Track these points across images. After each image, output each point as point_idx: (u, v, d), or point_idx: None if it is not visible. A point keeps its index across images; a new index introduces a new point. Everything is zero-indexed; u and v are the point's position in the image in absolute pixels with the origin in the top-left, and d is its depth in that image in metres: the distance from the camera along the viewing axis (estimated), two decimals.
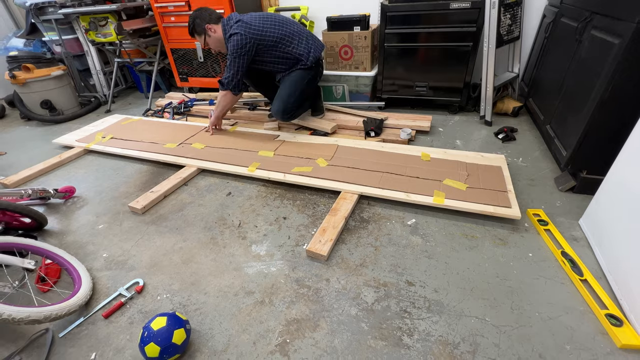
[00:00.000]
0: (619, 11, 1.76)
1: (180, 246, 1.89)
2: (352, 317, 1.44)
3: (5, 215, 1.95)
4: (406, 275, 1.61)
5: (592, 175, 1.96)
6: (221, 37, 2.61)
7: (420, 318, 1.42)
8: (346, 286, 1.59)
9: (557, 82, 2.40)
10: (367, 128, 2.80)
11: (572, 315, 1.38)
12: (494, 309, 1.43)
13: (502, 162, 2.25)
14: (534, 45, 3.16)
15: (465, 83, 3.03)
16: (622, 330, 1.29)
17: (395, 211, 2.02)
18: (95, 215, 2.20)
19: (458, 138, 2.81)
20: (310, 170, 2.30)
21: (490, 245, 1.74)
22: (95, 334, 1.46)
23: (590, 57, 2.00)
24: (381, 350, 1.32)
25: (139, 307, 1.57)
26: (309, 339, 1.37)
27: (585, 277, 1.50)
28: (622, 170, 1.55)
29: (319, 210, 2.09)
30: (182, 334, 1.30)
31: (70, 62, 4.12)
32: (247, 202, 2.21)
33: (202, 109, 3.56)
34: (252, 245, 1.86)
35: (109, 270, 1.78)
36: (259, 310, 1.51)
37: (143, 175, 2.61)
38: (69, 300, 1.49)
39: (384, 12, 2.96)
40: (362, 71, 3.32)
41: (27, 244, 1.74)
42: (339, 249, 1.79)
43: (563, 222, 1.85)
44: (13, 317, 1.30)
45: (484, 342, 1.31)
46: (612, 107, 1.79)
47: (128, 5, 3.82)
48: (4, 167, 2.92)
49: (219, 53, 3.19)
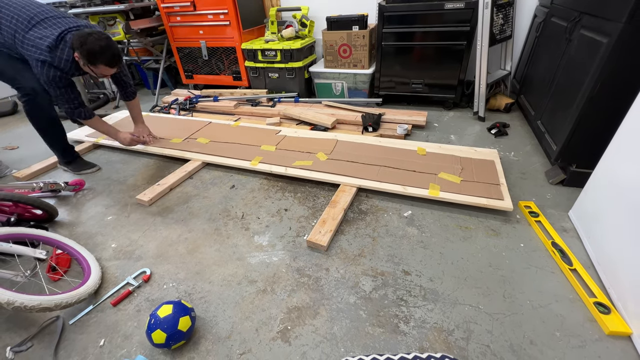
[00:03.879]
0: (607, 11, 1.73)
1: (186, 237, 1.87)
2: (350, 305, 1.43)
3: (18, 207, 1.92)
4: (402, 265, 1.60)
5: (581, 169, 1.94)
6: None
7: (416, 306, 1.40)
8: (345, 275, 1.57)
9: (547, 79, 2.36)
10: (365, 123, 2.77)
11: (561, 303, 1.37)
12: (487, 297, 1.41)
13: (495, 156, 2.23)
14: (526, 44, 3.12)
15: (460, 80, 3.00)
16: (610, 317, 1.28)
17: (392, 203, 2.00)
18: (104, 207, 2.18)
19: (452, 133, 2.78)
20: (311, 164, 2.28)
21: (483, 236, 1.72)
22: (104, 321, 1.45)
23: (579, 56, 1.97)
24: (379, 336, 1.30)
25: (146, 295, 1.55)
26: (309, 326, 1.36)
27: (574, 267, 1.48)
28: (609, 164, 1.53)
29: (319, 202, 2.06)
30: (188, 321, 1.28)
31: None
32: (249, 194, 2.18)
33: (206, 105, 3.52)
34: (254, 236, 1.84)
35: (117, 260, 1.76)
36: (262, 298, 1.49)
37: (150, 168, 2.58)
38: (79, 289, 1.47)
39: (382, 12, 2.92)
40: (360, 69, 3.29)
41: (39, 234, 1.71)
42: (338, 240, 1.77)
43: (553, 214, 1.83)
44: (25, 305, 1.28)
45: (478, 329, 1.30)
46: (600, 103, 1.77)
47: (136, 5, 3.78)
48: (16, 161, 2.89)
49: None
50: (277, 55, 3.41)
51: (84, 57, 1.95)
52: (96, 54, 1.94)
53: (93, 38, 1.92)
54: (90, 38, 1.91)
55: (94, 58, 1.95)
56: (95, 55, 1.94)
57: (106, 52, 1.96)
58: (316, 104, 3.33)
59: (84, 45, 1.91)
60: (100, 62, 1.97)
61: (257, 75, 3.68)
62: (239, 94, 3.66)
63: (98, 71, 2.04)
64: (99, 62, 1.97)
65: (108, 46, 1.96)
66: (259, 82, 3.73)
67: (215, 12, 3.52)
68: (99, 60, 1.96)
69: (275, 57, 3.42)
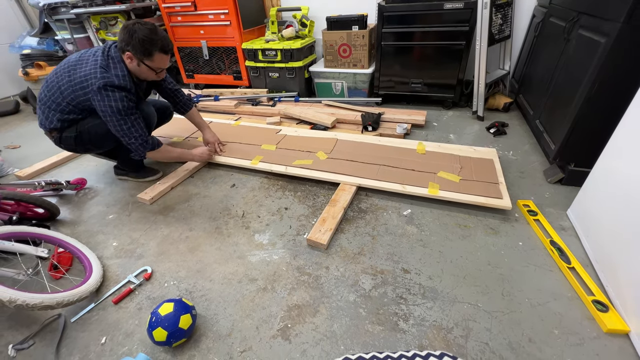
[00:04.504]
0: (605, 11, 1.73)
1: (187, 235, 1.87)
2: (350, 303, 1.43)
3: (20, 206, 1.92)
4: (402, 263, 1.59)
5: (580, 168, 1.93)
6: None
7: (415, 304, 1.40)
8: (345, 273, 1.57)
9: (546, 79, 2.36)
10: (365, 122, 2.76)
11: (560, 301, 1.37)
12: (486, 295, 1.41)
13: (494, 155, 2.22)
14: (524, 43, 3.11)
15: (459, 80, 2.99)
16: (608, 315, 1.27)
17: (391, 202, 1.99)
18: (106, 206, 2.18)
19: (451, 132, 2.77)
20: (311, 163, 2.27)
21: (482, 234, 1.72)
22: (106, 319, 1.45)
23: (577, 56, 1.96)
24: (378, 334, 1.30)
25: (147, 293, 1.55)
26: (309, 324, 1.36)
27: (572, 265, 1.48)
28: (608, 163, 1.53)
29: (319, 201, 2.06)
30: (188, 319, 1.28)
31: None
32: (250, 193, 2.18)
33: (207, 104, 3.51)
34: (255, 235, 1.84)
35: (119, 258, 1.76)
36: (262, 296, 1.49)
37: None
38: (81, 287, 1.47)
39: (381, 12, 2.92)
40: (360, 68, 3.28)
41: (41, 233, 1.71)
42: (338, 238, 1.77)
43: (552, 213, 1.82)
44: (27, 303, 1.28)
45: (476, 327, 1.29)
46: (598, 103, 1.77)
47: (137, 5, 3.77)
48: (18, 160, 2.88)
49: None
50: (277, 55, 3.40)
51: (138, 50, 1.78)
52: (151, 41, 1.76)
53: (138, 25, 1.75)
54: (136, 26, 1.75)
55: (149, 45, 1.77)
56: (150, 42, 1.77)
57: (157, 34, 1.78)
58: (316, 103, 3.33)
59: (134, 35, 1.74)
60: (155, 49, 1.79)
61: (258, 75, 3.67)
62: (240, 93, 3.66)
63: (154, 65, 1.86)
64: (155, 49, 1.79)
65: (155, 29, 1.79)
66: (259, 82, 3.72)
67: (215, 12, 3.51)
68: (155, 47, 1.79)
69: (275, 56, 3.42)
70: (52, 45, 4.16)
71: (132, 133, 1.91)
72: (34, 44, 4.10)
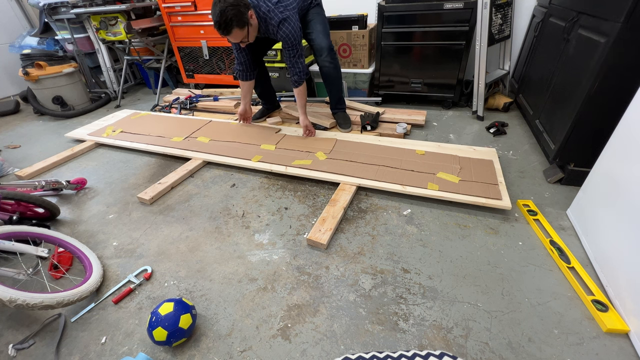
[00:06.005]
0: (605, 11, 1.73)
1: (187, 235, 1.87)
2: (350, 303, 1.42)
3: (20, 206, 1.92)
4: (402, 263, 1.59)
5: (579, 168, 1.93)
6: (257, 24, 2.21)
7: (415, 304, 1.40)
8: (345, 273, 1.56)
9: (545, 79, 2.36)
10: (363, 122, 2.76)
11: (560, 301, 1.37)
12: (486, 295, 1.41)
13: (493, 155, 2.22)
14: (524, 43, 3.11)
15: (458, 80, 2.99)
16: (608, 315, 1.27)
17: (391, 202, 1.99)
18: (106, 206, 2.17)
19: (451, 132, 2.77)
20: (310, 163, 2.27)
21: (482, 234, 1.72)
22: (106, 319, 1.44)
23: (577, 55, 1.96)
24: (378, 334, 1.30)
25: (147, 293, 1.55)
26: (309, 324, 1.36)
27: (572, 265, 1.48)
28: (607, 163, 1.52)
29: (319, 201, 2.06)
30: (189, 318, 1.28)
31: (81, 60, 4.06)
32: (250, 193, 2.18)
33: (207, 104, 3.51)
34: (255, 234, 1.84)
35: (119, 258, 1.76)
36: (262, 296, 1.49)
37: (151, 167, 2.57)
38: (81, 287, 1.47)
39: (381, 12, 2.91)
40: (360, 68, 3.27)
41: (41, 232, 1.71)
42: (338, 238, 1.77)
43: (551, 212, 1.82)
44: (27, 303, 1.28)
45: (476, 327, 1.29)
46: (598, 102, 1.76)
47: (137, 5, 3.76)
48: (18, 159, 2.88)
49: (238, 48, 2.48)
50: (277, 55, 3.39)
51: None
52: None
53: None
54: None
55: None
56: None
57: (213, 12, 1.99)
58: (316, 103, 3.32)
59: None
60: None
61: None
62: (240, 93, 3.64)
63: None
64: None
65: (214, 7, 1.98)
66: None
67: None
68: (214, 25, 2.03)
69: (275, 56, 3.41)
70: (52, 45, 4.16)
71: (302, 56, 2.36)
72: (34, 44, 4.10)
